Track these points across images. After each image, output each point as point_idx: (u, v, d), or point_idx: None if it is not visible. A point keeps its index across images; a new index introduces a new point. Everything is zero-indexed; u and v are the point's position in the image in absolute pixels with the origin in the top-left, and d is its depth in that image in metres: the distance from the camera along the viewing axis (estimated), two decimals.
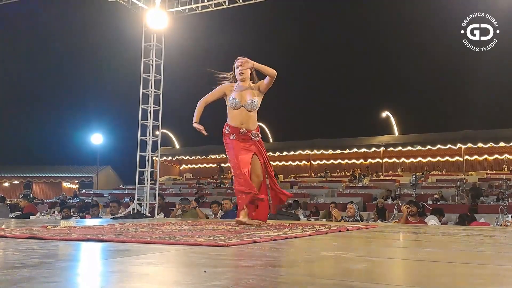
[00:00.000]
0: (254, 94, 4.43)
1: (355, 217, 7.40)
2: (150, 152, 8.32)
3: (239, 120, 4.40)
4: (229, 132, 4.43)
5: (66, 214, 8.83)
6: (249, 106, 4.39)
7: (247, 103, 4.37)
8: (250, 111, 4.41)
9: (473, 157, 22.93)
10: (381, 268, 1.86)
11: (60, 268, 1.71)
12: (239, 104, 4.37)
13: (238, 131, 4.39)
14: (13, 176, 29.36)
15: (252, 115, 4.45)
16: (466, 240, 3.12)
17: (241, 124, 4.39)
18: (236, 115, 4.41)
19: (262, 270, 1.78)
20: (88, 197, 18.46)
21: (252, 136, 4.43)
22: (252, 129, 4.44)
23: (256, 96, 4.44)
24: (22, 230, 3.35)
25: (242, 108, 4.38)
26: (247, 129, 4.40)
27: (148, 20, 8.27)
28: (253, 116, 4.46)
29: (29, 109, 30.57)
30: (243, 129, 4.38)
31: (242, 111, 4.39)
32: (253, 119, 4.46)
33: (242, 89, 4.43)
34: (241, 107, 4.38)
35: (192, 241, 2.49)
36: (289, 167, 26.78)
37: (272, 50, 24.75)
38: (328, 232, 3.49)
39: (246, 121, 4.40)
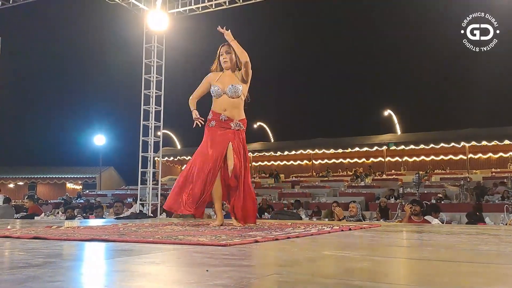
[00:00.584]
0: (237, 81, 4.20)
1: (358, 216, 7.39)
2: (152, 152, 8.34)
3: (223, 106, 4.18)
4: (211, 117, 4.21)
5: (70, 214, 8.85)
6: (230, 92, 4.14)
7: (228, 89, 4.14)
8: (233, 98, 4.16)
9: (477, 155, 22.83)
10: (383, 267, 1.87)
11: (65, 267, 1.72)
12: (220, 91, 4.17)
13: (218, 117, 4.16)
14: (18, 177, 29.48)
15: (236, 102, 4.18)
16: (470, 239, 3.12)
17: (224, 111, 4.16)
18: (219, 102, 4.19)
19: (264, 269, 1.79)
20: (91, 197, 18.53)
21: (233, 125, 4.16)
22: (235, 118, 4.18)
23: (239, 82, 4.20)
24: (27, 230, 3.37)
25: (224, 95, 4.17)
26: (228, 116, 4.15)
27: (149, 22, 8.29)
28: (237, 103, 4.19)
29: (33, 111, 30.71)
30: (224, 116, 4.15)
31: (224, 98, 4.17)
32: (237, 107, 4.20)
33: (225, 77, 4.23)
34: (223, 94, 4.17)
35: (194, 241, 2.50)
36: (291, 167, 26.77)
37: (273, 49, 24.78)
38: (330, 231, 3.49)
39: (229, 108, 4.17)
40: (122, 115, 26.54)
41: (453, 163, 23.02)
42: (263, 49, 24.06)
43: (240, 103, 4.22)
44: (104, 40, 23.75)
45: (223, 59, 4.24)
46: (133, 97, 10.11)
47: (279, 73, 26.44)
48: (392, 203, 12.04)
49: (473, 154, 22.68)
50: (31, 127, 30.49)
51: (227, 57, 4.23)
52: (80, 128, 30.54)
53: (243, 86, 4.21)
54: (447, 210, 10.52)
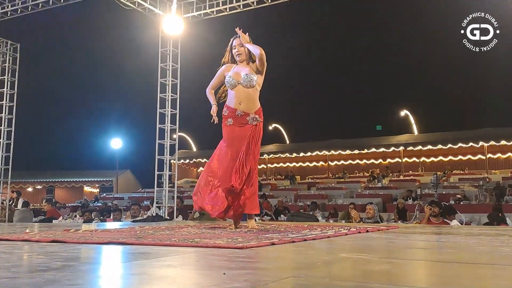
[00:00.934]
0: (251, 71, 4.13)
1: (375, 218, 7.34)
2: (168, 155, 8.39)
3: (238, 99, 4.09)
4: (227, 114, 4.14)
5: (87, 217, 8.94)
6: (245, 81, 4.06)
7: (242, 78, 4.07)
8: (248, 88, 4.08)
9: (496, 155, 22.51)
10: (402, 269, 1.84)
11: (83, 271, 1.74)
12: (234, 80, 4.09)
13: (234, 113, 4.09)
14: (36, 181, 29.90)
15: (251, 93, 4.10)
16: (490, 240, 3.07)
17: (239, 105, 4.08)
18: (233, 95, 4.12)
19: (281, 272, 1.78)
20: (108, 200, 18.70)
21: (250, 120, 4.09)
22: (250, 111, 4.10)
23: (254, 72, 4.13)
24: (46, 234, 3.41)
25: (239, 86, 4.08)
26: (244, 110, 4.08)
27: (164, 26, 8.35)
28: (252, 94, 4.11)
29: (50, 116, 31.12)
30: (240, 111, 4.07)
31: (239, 89, 4.09)
32: (252, 99, 4.12)
33: (239, 68, 4.18)
34: (238, 85, 4.09)
35: (211, 244, 2.51)
36: (307, 168, 26.69)
37: (289, 50, 24.75)
38: (348, 233, 3.47)
39: (244, 100, 4.09)
40: (138, 118, 26.76)
41: (471, 163, 22.71)
42: (278, 51, 24.04)
43: (255, 94, 4.16)
44: (120, 45, 24.00)
45: (236, 52, 4.21)
46: (149, 101, 10.19)
47: (294, 74, 26.41)
48: (410, 204, 11.93)
49: (492, 154, 22.36)
50: (49, 132, 30.91)
51: (240, 49, 4.20)
52: (97, 132, 30.87)
53: (258, 76, 4.15)
54: (466, 211, 10.39)
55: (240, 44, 4.21)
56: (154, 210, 8.24)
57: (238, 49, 4.20)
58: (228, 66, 4.28)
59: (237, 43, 4.23)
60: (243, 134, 4.08)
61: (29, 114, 22.92)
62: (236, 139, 4.10)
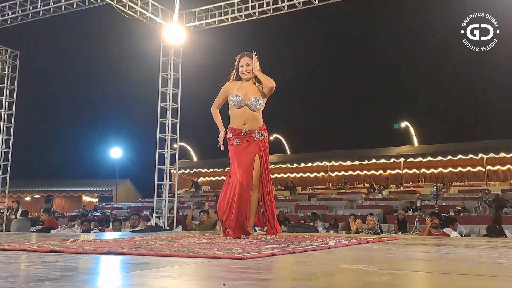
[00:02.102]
0: (259, 94, 4.11)
1: (375, 229, 7.32)
2: (168, 165, 8.37)
3: (242, 120, 4.08)
4: (232, 136, 4.11)
5: (85, 227, 8.91)
6: (253, 105, 4.06)
7: (251, 102, 4.05)
8: (254, 111, 4.08)
9: (495, 167, 22.54)
10: (402, 281, 1.83)
11: (81, 281, 1.72)
12: (242, 102, 4.05)
13: (240, 133, 4.08)
14: (34, 191, 29.81)
15: (256, 114, 4.11)
16: (490, 252, 3.06)
17: (244, 125, 4.07)
18: (238, 115, 4.09)
19: (282, 283, 1.77)
20: (107, 210, 18.64)
21: (256, 136, 4.08)
22: (255, 128, 4.09)
23: (261, 96, 4.12)
24: (43, 243, 3.39)
25: (245, 107, 4.06)
26: (250, 129, 4.07)
27: (165, 35, 8.39)
28: (257, 115, 4.11)
29: (49, 124, 31.13)
30: (246, 130, 4.06)
31: (245, 110, 4.07)
32: (257, 119, 4.12)
33: (246, 87, 4.13)
34: (244, 106, 4.06)
35: (211, 254, 2.49)
36: (307, 179, 26.66)
37: (289, 62, 24.85)
38: (348, 244, 3.45)
39: (249, 121, 4.08)
40: (138, 127, 26.80)
41: (471, 175, 22.73)
42: (279, 61, 24.15)
43: (259, 114, 4.17)
44: (121, 54, 24.08)
45: (243, 70, 4.18)
46: (149, 110, 10.21)
47: (295, 85, 26.47)
48: (410, 215, 11.90)
49: (491, 166, 22.39)
50: (48, 141, 30.90)
51: (248, 69, 4.17)
52: (97, 141, 30.87)
53: (264, 100, 4.16)
54: (465, 222, 10.36)
55: (248, 63, 4.18)
56: (154, 220, 8.21)
57: (246, 68, 4.18)
58: (230, 83, 4.24)
59: (244, 62, 4.20)
60: (251, 150, 4.08)
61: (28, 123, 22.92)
62: (243, 156, 4.07)
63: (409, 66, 24.85)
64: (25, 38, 16.06)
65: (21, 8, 8.70)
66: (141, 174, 26.13)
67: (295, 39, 25.79)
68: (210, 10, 8.68)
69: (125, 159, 28.83)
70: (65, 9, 8.43)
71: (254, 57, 4.21)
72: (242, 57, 4.24)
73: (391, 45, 24.70)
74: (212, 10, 8.67)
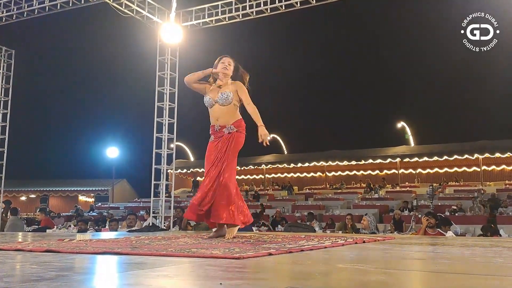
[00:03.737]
0: (228, 89, 4.20)
1: (371, 229, 7.34)
2: (165, 165, 8.36)
3: (215, 117, 4.21)
4: (210, 133, 4.27)
5: (80, 228, 8.88)
6: (221, 100, 4.15)
7: (218, 97, 4.16)
8: (224, 105, 4.16)
9: (491, 167, 22.67)
10: (398, 280, 1.84)
11: (77, 281, 1.72)
12: (211, 101, 4.20)
13: (214, 129, 4.21)
14: (30, 190, 29.71)
15: (229, 109, 4.18)
16: (485, 251, 3.07)
17: (217, 121, 4.19)
18: (212, 112, 4.24)
19: (278, 282, 1.77)
20: (104, 210, 18.61)
21: (226, 130, 4.15)
22: (227, 123, 4.16)
23: (231, 91, 4.18)
24: (39, 243, 3.38)
25: (216, 104, 4.18)
26: (221, 124, 4.16)
27: (162, 34, 8.37)
28: (230, 110, 4.18)
29: (45, 124, 31.05)
30: (217, 126, 4.17)
31: (215, 107, 4.19)
32: (230, 113, 4.19)
33: (216, 88, 4.26)
34: (215, 104, 4.19)
35: (208, 254, 2.49)
36: (304, 179, 26.71)
37: (286, 61, 24.87)
38: (344, 244, 3.45)
39: (221, 116, 4.17)
40: (135, 127, 26.78)
41: (467, 175, 22.85)
42: (275, 62, 24.17)
43: (233, 109, 4.20)
44: (117, 53, 24.02)
45: (224, 66, 4.25)
46: (146, 110, 10.19)
47: (292, 85, 26.53)
48: (406, 215, 11.92)
49: (487, 166, 22.51)
50: (43, 140, 30.81)
51: (228, 67, 4.27)
52: (93, 141, 30.82)
53: (233, 93, 4.18)
54: (461, 222, 10.41)
55: (230, 63, 4.28)
56: (150, 220, 8.19)
57: (226, 65, 4.27)
58: (208, 85, 4.33)
59: (227, 61, 4.29)
60: (220, 146, 4.14)
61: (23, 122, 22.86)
62: (213, 151, 4.17)
63: (407, 67, 24.92)
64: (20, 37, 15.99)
65: (16, 6, 8.65)
66: (138, 174, 26.15)
67: (292, 39, 25.82)
68: (207, 9, 8.67)
69: (122, 158, 28.81)
70: (60, 7, 8.39)
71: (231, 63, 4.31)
72: (225, 57, 4.34)
73: (389, 45, 24.79)
74: (209, 9, 8.66)
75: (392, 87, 26.01)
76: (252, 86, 4.42)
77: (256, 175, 27.34)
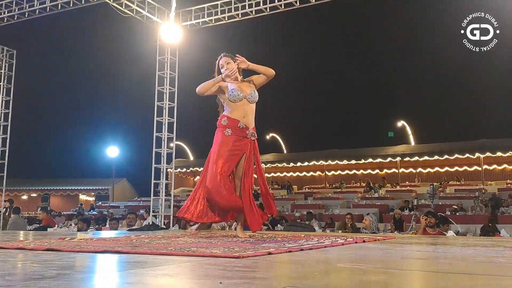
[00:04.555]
0: (252, 87, 4.06)
1: (372, 229, 7.35)
2: (164, 164, 8.37)
3: (242, 112, 3.96)
4: (226, 124, 3.96)
5: (82, 226, 8.88)
6: (251, 97, 3.99)
7: (249, 94, 3.98)
8: (252, 103, 4.02)
9: (492, 166, 22.62)
10: (398, 279, 1.84)
11: (78, 279, 1.72)
12: (241, 95, 3.95)
13: (236, 125, 3.94)
14: (31, 189, 29.75)
15: (253, 108, 4.04)
16: (486, 251, 3.07)
17: (243, 117, 3.96)
18: (238, 107, 3.96)
19: (278, 281, 1.78)
20: (104, 209, 18.63)
21: (249, 134, 3.98)
22: (250, 126, 4.01)
23: (254, 88, 4.07)
24: (40, 242, 3.38)
25: (245, 100, 3.96)
26: (246, 124, 3.96)
27: (162, 34, 8.37)
28: (253, 110, 4.05)
29: (46, 123, 31.04)
30: (242, 124, 3.95)
31: (244, 103, 3.97)
32: (253, 114, 4.05)
33: (239, 83, 4.06)
34: (244, 99, 3.96)
35: (207, 253, 2.50)
36: (304, 178, 26.69)
37: (286, 60, 24.84)
38: (344, 243, 3.46)
39: (248, 115, 3.98)
40: (135, 126, 26.75)
41: (467, 174, 22.80)
42: (275, 60, 24.11)
43: (254, 110, 4.09)
44: (117, 52, 24.04)
45: (228, 72, 4.02)
46: (146, 109, 10.19)
47: (292, 84, 26.50)
48: (406, 215, 11.92)
49: (488, 165, 22.46)
50: (44, 139, 30.83)
51: (229, 67, 4.05)
52: (93, 140, 30.82)
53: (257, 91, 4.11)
54: (462, 222, 10.40)
55: (228, 61, 4.08)
56: (150, 219, 8.20)
57: (227, 66, 4.06)
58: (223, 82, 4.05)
59: (225, 62, 4.09)
60: (241, 148, 3.98)
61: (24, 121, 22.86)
62: (234, 151, 3.97)
63: (407, 66, 24.92)
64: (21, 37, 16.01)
65: (18, 6, 8.67)
66: (138, 173, 26.12)
67: (292, 38, 25.81)
68: (207, 9, 8.68)
69: (122, 158, 28.82)
70: (61, 8, 8.41)
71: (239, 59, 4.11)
72: (221, 58, 4.14)
73: (389, 45, 24.75)
74: (208, 9, 8.67)
75: (392, 85, 26.01)
76: None
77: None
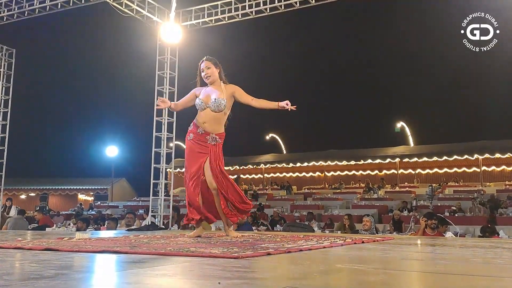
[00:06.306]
0: (222, 95, 4.17)
1: (371, 230, 7.34)
2: (164, 164, 8.36)
3: (203, 119, 4.18)
4: (191, 129, 4.26)
5: (81, 226, 8.87)
6: (213, 106, 4.13)
7: (211, 102, 4.14)
8: (215, 112, 4.14)
9: (490, 167, 22.63)
10: (397, 280, 1.84)
11: (76, 279, 1.72)
12: (203, 104, 4.17)
13: (196, 130, 4.19)
14: (30, 189, 29.70)
15: (218, 116, 4.17)
16: (485, 252, 3.07)
17: (203, 123, 4.17)
18: (200, 114, 4.21)
19: (277, 282, 1.77)
20: (103, 209, 18.62)
21: (209, 139, 4.16)
22: (212, 131, 4.17)
23: (225, 97, 4.17)
24: (39, 242, 3.38)
25: (207, 109, 4.16)
26: (205, 130, 4.16)
27: (162, 34, 8.37)
28: (218, 118, 4.18)
29: (45, 123, 31.03)
30: (201, 129, 4.17)
31: (206, 112, 4.17)
32: (217, 122, 4.19)
33: (210, 91, 4.23)
34: (206, 108, 4.17)
35: (206, 253, 2.49)
36: (303, 179, 26.68)
37: (286, 60, 24.87)
38: (343, 244, 3.46)
39: (209, 121, 4.16)
40: (134, 126, 26.72)
41: (466, 176, 22.81)
42: (275, 60, 24.16)
43: (222, 118, 4.22)
44: (117, 52, 24.02)
45: (204, 75, 4.26)
46: (145, 109, 10.19)
47: (291, 84, 26.52)
48: (405, 215, 11.92)
49: (487, 166, 22.47)
50: (43, 139, 30.80)
51: (208, 72, 4.24)
52: (93, 140, 30.80)
53: (227, 101, 4.19)
54: (461, 223, 10.39)
55: (208, 66, 4.25)
56: (149, 219, 8.20)
57: (206, 71, 4.25)
58: (198, 89, 4.34)
59: (205, 66, 4.27)
60: (204, 151, 4.17)
61: (23, 120, 22.85)
62: (194, 157, 4.19)
63: (407, 66, 24.92)
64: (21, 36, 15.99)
65: (17, 5, 8.66)
66: (137, 173, 26.10)
67: (292, 38, 25.80)
68: (207, 9, 8.67)
69: (121, 157, 28.78)
70: (61, 7, 8.40)
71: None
72: (202, 63, 4.32)
73: (389, 45, 24.76)
74: (208, 9, 8.66)
75: (391, 86, 26.01)
76: (251, 85, 4.42)
77: (255, 175, 27.32)
